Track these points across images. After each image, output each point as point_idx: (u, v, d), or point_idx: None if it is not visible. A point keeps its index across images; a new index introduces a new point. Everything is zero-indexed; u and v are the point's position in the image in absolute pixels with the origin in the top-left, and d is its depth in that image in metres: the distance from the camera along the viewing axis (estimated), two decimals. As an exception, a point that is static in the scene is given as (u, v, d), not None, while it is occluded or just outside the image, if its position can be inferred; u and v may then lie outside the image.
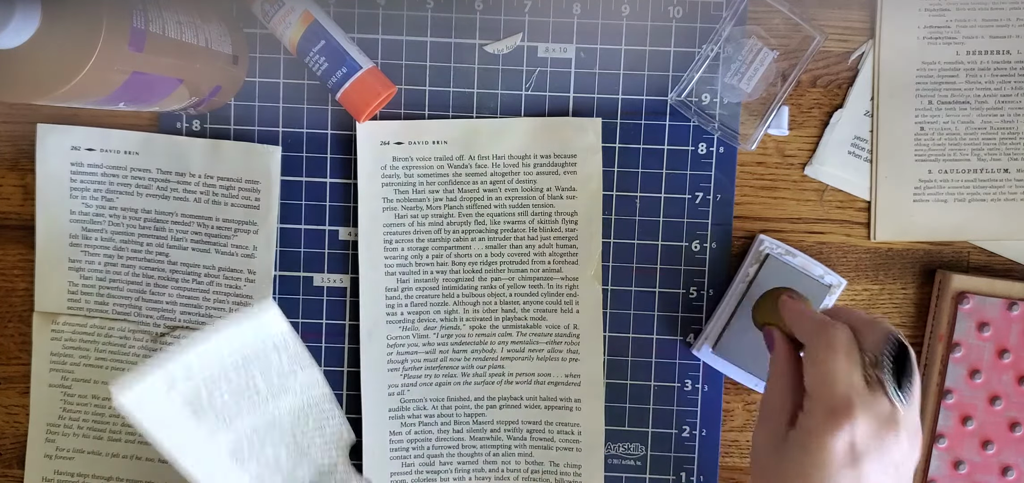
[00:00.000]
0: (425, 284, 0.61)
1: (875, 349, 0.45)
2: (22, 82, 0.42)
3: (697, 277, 0.62)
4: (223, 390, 0.48)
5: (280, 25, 0.57)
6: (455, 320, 0.62)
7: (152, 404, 0.45)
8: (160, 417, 0.45)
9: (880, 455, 0.44)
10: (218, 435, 0.48)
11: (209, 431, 0.48)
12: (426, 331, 0.62)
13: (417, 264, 0.61)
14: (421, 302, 0.61)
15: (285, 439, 0.52)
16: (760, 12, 0.60)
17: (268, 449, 0.51)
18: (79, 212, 0.61)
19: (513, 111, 0.61)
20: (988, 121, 0.61)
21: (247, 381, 0.49)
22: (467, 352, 0.62)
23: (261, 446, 0.50)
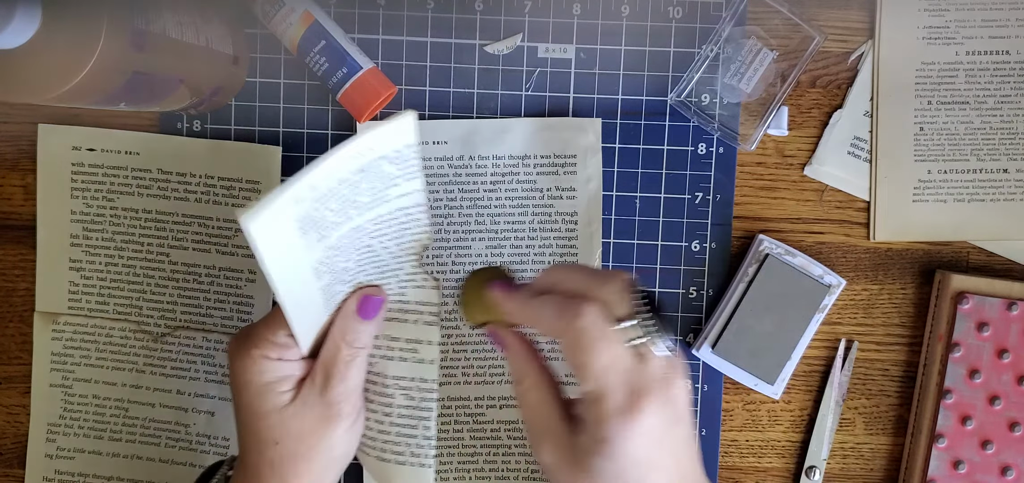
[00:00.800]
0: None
1: (625, 310, 0.42)
2: (23, 82, 0.42)
3: (697, 277, 0.62)
4: (331, 205, 0.44)
5: (281, 25, 0.57)
6: (456, 320, 0.62)
7: (275, 227, 0.41)
8: (276, 236, 0.42)
9: (675, 416, 0.42)
10: (313, 249, 0.45)
11: (306, 246, 0.44)
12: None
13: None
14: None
15: (361, 246, 0.49)
16: (760, 12, 0.60)
17: (342, 258, 0.48)
18: (80, 212, 0.61)
19: (513, 111, 0.61)
20: (987, 121, 0.61)
21: (354, 194, 0.45)
22: (467, 352, 0.62)
23: (338, 256, 0.47)
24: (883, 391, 0.63)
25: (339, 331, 0.50)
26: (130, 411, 0.62)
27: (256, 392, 0.48)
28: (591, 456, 0.41)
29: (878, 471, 0.64)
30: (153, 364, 0.62)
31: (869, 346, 0.63)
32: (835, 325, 0.63)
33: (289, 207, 0.41)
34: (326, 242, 0.46)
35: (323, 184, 0.43)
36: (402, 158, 0.45)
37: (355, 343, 0.49)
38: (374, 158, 0.44)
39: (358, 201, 0.45)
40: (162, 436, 0.62)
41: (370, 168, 0.44)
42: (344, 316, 0.50)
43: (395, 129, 0.43)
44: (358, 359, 0.50)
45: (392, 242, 0.50)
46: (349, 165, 0.43)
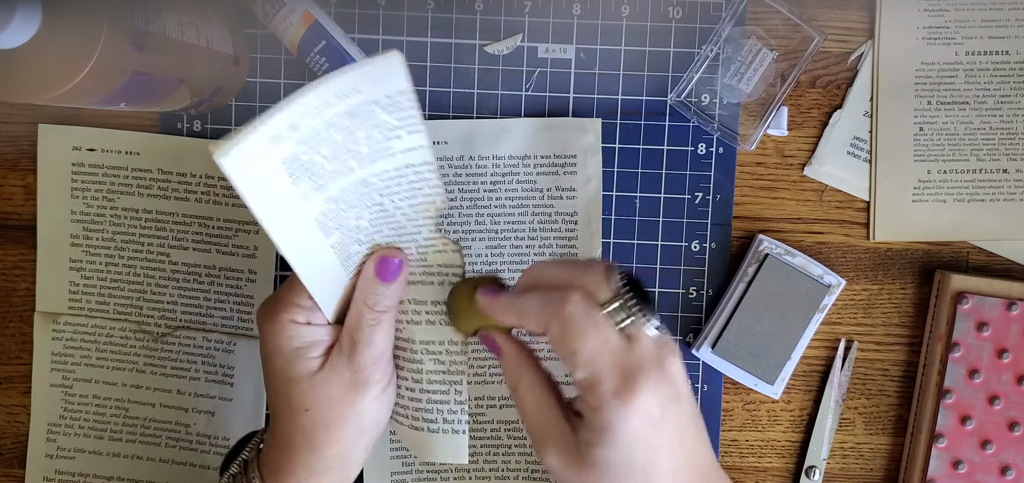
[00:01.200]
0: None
1: (609, 296, 0.42)
2: (23, 82, 0.42)
3: (697, 277, 0.62)
4: (323, 150, 0.42)
5: (281, 25, 0.57)
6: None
7: (254, 165, 0.40)
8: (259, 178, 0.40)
9: (673, 394, 0.41)
10: (310, 200, 0.44)
11: (302, 195, 0.43)
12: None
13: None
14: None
15: (372, 202, 0.47)
16: (759, 13, 0.60)
17: (352, 215, 0.47)
18: (80, 212, 0.61)
19: (513, 112, 0.61)
20: (987, 121, 0.61)
21: (349, 141, 0.43)
22: (468, 352, 0.62)
23: (346, 211, 0.46)
24: (883, 391, 0.63)
25: (361, 295, 0.49)
26: (130, 411, 0.62)
27: (286, 358, 0.48)
28: (594, 448, 0.41)
29: (878, 471, 0.64)
30: (153, 364, 0.62)
31: (869, 346, 0.63)
32: (835, 325, 0.63)
33: (268, 146, 0.40)
34: (326, 193, 0.44)
35: (306, 124, 0.41)
36: (397, 106, 0.43)
37: (377, 306, 0.49)
38: (364, 101, 0.42)
39: (358, 151, 0.44)
40: (162, 436, 0.62)
41: (361, 113, 0.42)
42: (364, 279, 0.49)
43: (379, 68, 0.41)
44: (382, 324, 0.49)
45: (405, 203, 0.48)
46: (335, 106, 0.41)
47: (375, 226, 0.49)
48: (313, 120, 0.41)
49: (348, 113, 0.42)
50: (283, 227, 0.43)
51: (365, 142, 0.43)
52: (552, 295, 0.42)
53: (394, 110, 0.43)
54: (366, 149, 0.44)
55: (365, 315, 0.49)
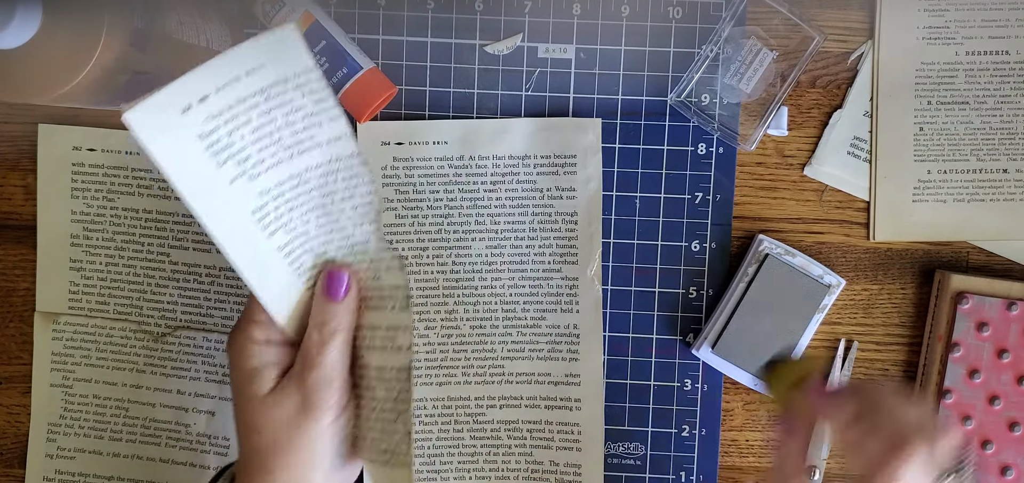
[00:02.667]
0: (426, 284, 0.61)
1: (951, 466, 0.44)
2: (23, 82, 0.42)
3: (697, 277, 0.62)
4: (243, 131, 0.43)
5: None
6: (455, 320, 0.62)
7: (163, 128, 0.40)
8: (173, 147, 0.41)
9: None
10: (239, 186, 0.44)
11: (228, 179, 0.43)
12: (426, 331, 0.62)
13: (418, 264, 0.61)
14: (421, 302, 0.62)
15: (314, 203, 0.47)
16: (759, 13, 0.60)
17: (296, 215, 0.47)
18: (80, 212, 0.61)
19: (513, 112, 0.61)
20: (987, 121, 0.61)
21: (269, 125, 0.44)
22: (467, 352, 0.62)
23: (289, 209, 0.46)
24: (883, 391, 0.63)
25: (312, 315, 0.49)
26: (130, 411, 0.62)
27: (243, 377, 0.48)
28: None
29: (878, 471, 0.64)
30: (153, 364, 0.62)
31: (869, 346, 0.63)
32: (835, 325, 0.63)
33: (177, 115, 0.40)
34: (258, 184, 0.44)
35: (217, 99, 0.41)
36: (309, 88, 0.43)
37: (325, 326, 0.48)
38: (274, 81, 0.42)
39: (281, 138, 0.44)
40: (162, 436, 0.62)
41: (275, 94, 0.43)
42: (315, 298, 0.49)
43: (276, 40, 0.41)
44: (332, 345, 0.48)
45: (346, 204, 0.48)
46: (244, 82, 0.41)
47: (323, 232, 0.48)
48: (226, 97, 0.41)
49: (261, 92, 0.42)
50: (211, 207, 0.43)
51: (287, 129, 0.44)
52: (898, 440, 0.43)
53: (307, 93, 0.43)
54: (289, 136, 0.44)
55: (313, 335, 0.48)
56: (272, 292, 0.48)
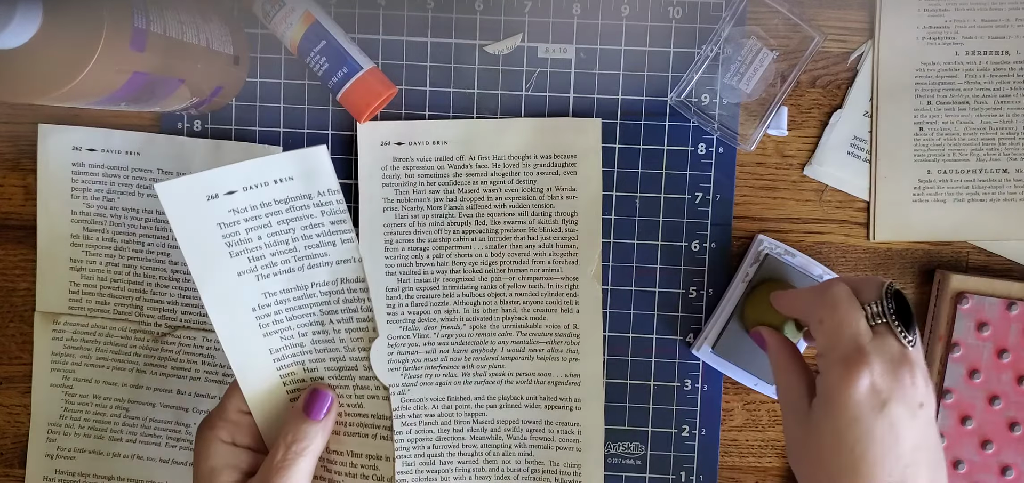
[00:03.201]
0: (425, 284, 0.61)
1: (874, 298, 0.46)
2: (23, 82, 0.42)
3: (697, 277, 0.62)
4: (261, 232, 0.46)
5: (281, 25, 0.57)
6: (455, 320, 0.62)
7: (188, 206, 0.45)
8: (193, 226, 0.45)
9: (902, 395, 0.44)
10: (246, 281, 0.46)
11: (237, 271, 0.46)
12: (426, 331, 0.62)
13: (417, 264, 0.61)
14: (421, 302, 0.62)
15: (313, 319, 0.49)
16: (759, 13, 0.60)
17: (294, 325, 0.49)
18: (80, 212, 0.61)
19: (513, 111, 0.61)
20: (987, 121, 0.61)
21: (286, 234, 0.47)
22: (467, 352, 0.62)
23: (289, 318, 0.48)
24: (883, 391, 0.63)
25: (284, 428, 0.49)
26: (130, 411, 0.62)
27: (203, 474, 0.49)
28: (815, 411, 0.45)
29: (878, 471, 0.64)
30: (153, 364, 0.62)
31: (869, 346, 0.63)
32: (835, 325, 0.63)
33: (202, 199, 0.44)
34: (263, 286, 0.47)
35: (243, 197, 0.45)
36: (330, 208, 0.46)
37: (296, 444, 0.49)
38: (299, 194, 0.46)
39: (295, 249, 0.47)
40: (162, 436, 0.62)
41: (297, 206, 0.46)
42: (292, 412, 0.50)
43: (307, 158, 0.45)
44: (298, 465, 0.48)
45: (342, 326, 0.51)
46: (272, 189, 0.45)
47: (316, 349, 0.50)
48: (251, 196, 0.45)
49: (285, 202, 0.46)
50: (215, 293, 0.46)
51: (302, 241, 0.47)
52: (825, 283, 0.48)
53: (327, 212, 0.47)
54: (303, 249, 0.47)
55: (280, 451, 0.49)
56: (253, 387, 0.49)
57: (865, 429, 0.43)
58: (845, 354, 0.44)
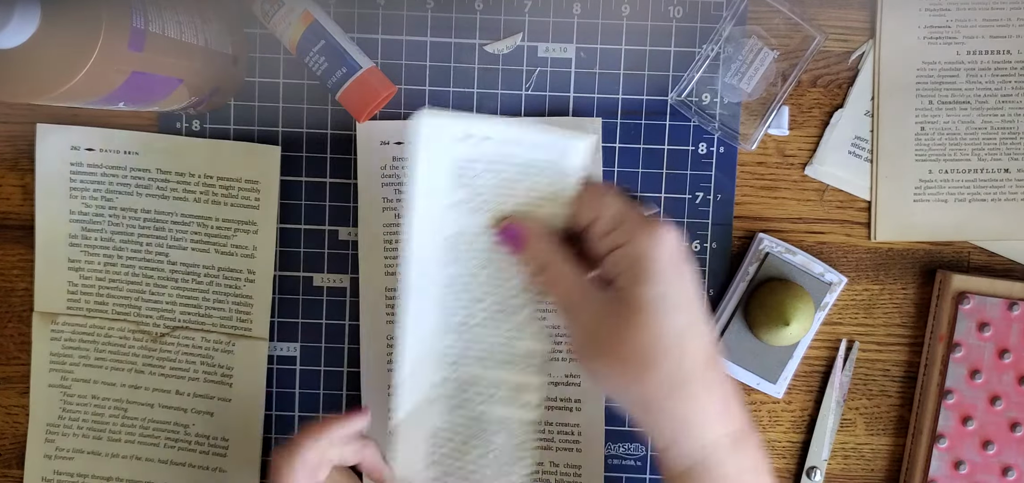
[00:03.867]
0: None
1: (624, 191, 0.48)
2: (22, 82, 0.42)
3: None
4: (489, 179, 0.47)
5: (280, 25, 0.57)
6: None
7: (439, 140, 0.46)
8: (434, 156, 0.46)
9: (683, 251, 0.45)
10: (456, 212, 0.48)
11: (453, 202, 0.48)
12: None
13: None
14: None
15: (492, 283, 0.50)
16: (760, 12, 0.60)
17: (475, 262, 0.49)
18: (79, 212, 0.61)
19: (513, 111, 0.61)
20: (988, 121, 0.61)
21: (510, 184, 0.48)
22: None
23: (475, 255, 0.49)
24: (884, 391, 0.63)
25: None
26: (129, 411, 0.62)
27: None
28: (633, 288, 0.44)
29: (879, 472, 0.64)
30: (152, 364, 0.62)
31: (870, 346, 0.63)
32: (836, 325, 0.63)
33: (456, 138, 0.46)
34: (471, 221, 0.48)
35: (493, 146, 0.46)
36: (561, 182, 0.47)
37: None
38: (542, 160, 0.47)
39: (513, 197, 0.48)
40: (161, 436, 0.62)
41: (534, 168, 0.47)
42: None
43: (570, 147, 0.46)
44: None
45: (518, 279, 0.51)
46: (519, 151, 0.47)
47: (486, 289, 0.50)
48: (499, 149, 0.47)
49: (526, 164, 0.47)
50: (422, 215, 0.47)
51: (525, 193, 0.47)
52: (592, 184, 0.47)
53: (556, 185, 0.47)
54: (521, 199, 0.47)
55: None
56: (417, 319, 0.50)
57: (681, 287, 0.44)
58: (642, 220, 0.44)
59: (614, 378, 0.45)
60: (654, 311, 0.43)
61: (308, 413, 0.63)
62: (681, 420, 0.44)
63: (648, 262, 0.43)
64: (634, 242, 0.44)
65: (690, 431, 0.44)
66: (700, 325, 0.44)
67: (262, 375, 0.62)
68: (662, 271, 0.43)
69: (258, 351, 0.61)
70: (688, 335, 0.44)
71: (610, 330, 0.44)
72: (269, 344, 0.62)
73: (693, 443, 0.44)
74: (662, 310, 0.43)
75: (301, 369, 0.63)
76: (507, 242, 0.48)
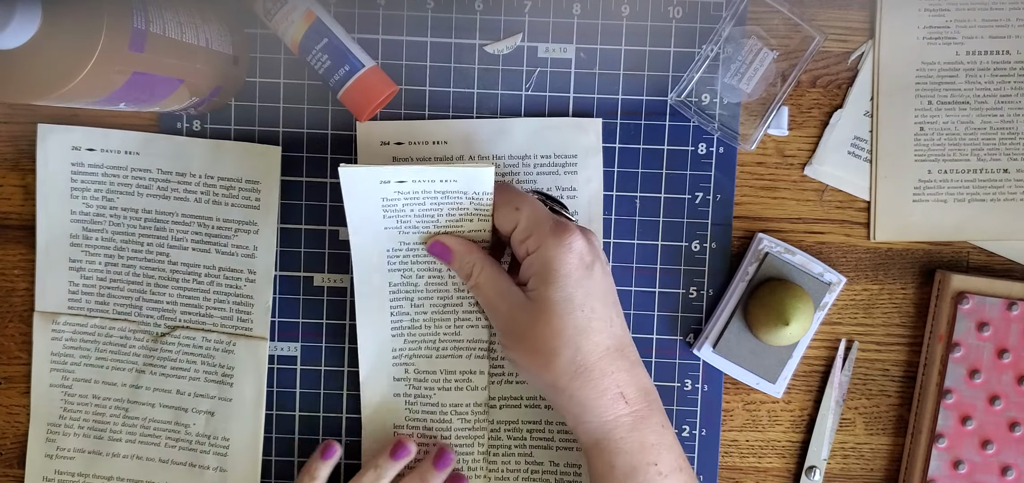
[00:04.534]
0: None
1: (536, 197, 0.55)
2: (23, 82, 0.42)
3: (697, 277, 0.62)
4: (413, 207, 0.55)
5: (282, 23, 0.57)
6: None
7: (362, 184, 0.53)
8: (360, 201, 0.54)
9: (595, 253, 0.52)
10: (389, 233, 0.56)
11: (384, 227, 0.56)
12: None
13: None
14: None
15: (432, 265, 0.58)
16: (760, 12, 0.60)
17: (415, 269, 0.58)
18: (80, 212, 0.61)
19: (513, 111, 0.61)
20: (988, 121, 0.61)
21: (434, 212, 0.55)
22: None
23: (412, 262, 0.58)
24: (883, 391, 0.63)
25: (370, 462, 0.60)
26: (130, 411, 0.62)
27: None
28: (541, 289, 0.51)
29: (878, 471, 0.64)
30: (153, 364, 0.62)
31: (869, 346, 0.63)
32: (835, 325, 0.63)
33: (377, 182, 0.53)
34: (402, 238, 0.57)
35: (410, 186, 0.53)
36: (478, 202, 0.54)
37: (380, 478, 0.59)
38: (456, 190, 0.53)
39: (438, 220, 0.55)
40: (162, 436, 0.62)
41: (451, 195, 0.54)
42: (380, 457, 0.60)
43: (477, 175, 0.52)
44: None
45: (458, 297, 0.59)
46: (436, 185, 0.53)
47: (428, 289, 0.59)
48: (418, 187, 0.53)
49: (442, 193, 0.54)
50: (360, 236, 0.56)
51: (446, 215, 0.55)
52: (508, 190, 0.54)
53: (475, 202, 0.54)
54: (444, 221, 0.56)
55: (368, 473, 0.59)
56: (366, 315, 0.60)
57: (587, 288, 0.51)
58: (552, 228, 0.51)
59: (527, 366, 0.53)
60: (557, 311, 0.51)
61: (308, 412, 0.63)
62: (581, 403, 0.51)
63: (555, 266, 0.50)
64: (542, 248, 0.51)
65: (591, 411, 0.51)
66: (601, 321, 0.51)
67: (263, 375, 0.62)
68: (567, 275, 0.50)
69: (259, 351, 0.62)
70: (588, 330, 0.51)
71: (523, 326, 0.52)
72: (270, 344, 0.62)
73: (595, 421, 0.51)
74: (566, 310, 0.50)
75: (301, 369, 0.63)
76: (436, 256, 0.57)
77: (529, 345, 0.52)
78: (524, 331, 0.52)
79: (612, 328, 0.52)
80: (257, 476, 0.62)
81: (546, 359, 0.51)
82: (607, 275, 0.52)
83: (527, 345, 0.52)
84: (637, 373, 0.52)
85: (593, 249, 0.52)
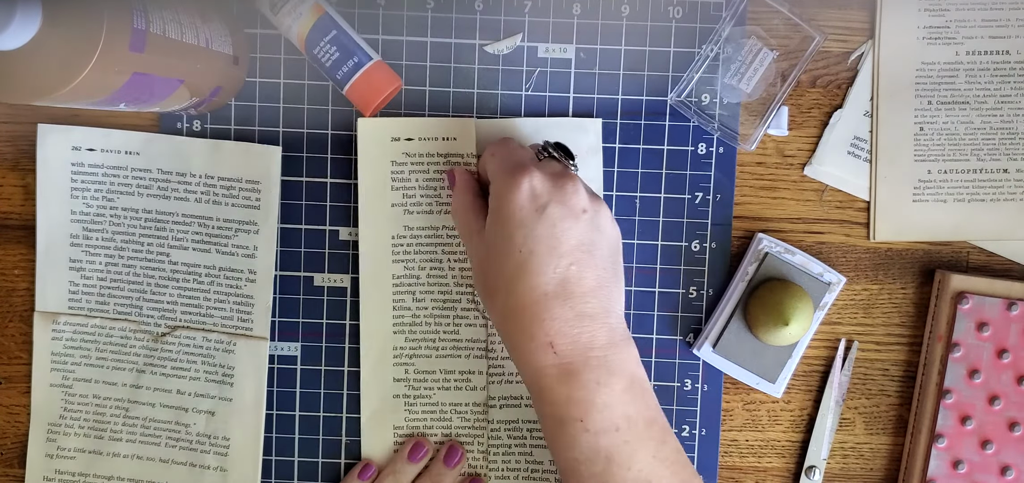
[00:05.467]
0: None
1: (540, 148, 0.54)
2: (23, 83, 0.42)
3: (697, 277, 0.62)
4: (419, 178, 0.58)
5: (288, 18, 0.57)
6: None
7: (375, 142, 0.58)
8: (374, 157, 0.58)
9: (562, 199, 0.49)
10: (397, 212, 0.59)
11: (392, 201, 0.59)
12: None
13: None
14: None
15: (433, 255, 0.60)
16: (760, 12, 0.60)
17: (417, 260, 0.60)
18: (80, 212, 0.61)
19: (513, 112, 0.61)
20: (987, 121, 0.61)
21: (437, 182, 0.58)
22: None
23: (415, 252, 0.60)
24: (883, 391, 0.63)
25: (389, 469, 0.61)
26: (130, 411, 0.62)
27: None
28: (488, 226, 0.52)
29: (878, 471, 0.64)
30: (153, 364, 0.62)
31: (869, 346, 0.63)
32: (835, 325, 0.63)
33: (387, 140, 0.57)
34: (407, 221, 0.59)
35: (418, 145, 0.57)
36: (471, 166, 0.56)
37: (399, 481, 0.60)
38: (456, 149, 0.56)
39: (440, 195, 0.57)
40: (162, 436, 0.62)
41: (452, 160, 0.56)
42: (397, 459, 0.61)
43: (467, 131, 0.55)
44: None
45: (457, 265, 0.60)
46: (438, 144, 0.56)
47: (429, 282, 0.60)
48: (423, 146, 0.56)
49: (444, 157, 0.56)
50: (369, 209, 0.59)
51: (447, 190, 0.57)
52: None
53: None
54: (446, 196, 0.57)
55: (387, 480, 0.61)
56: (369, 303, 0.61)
57: (529, 230, 0.49)
58: (509, 168, 0.50)
59: (482, 301, 0.54)
60: (496, 251, 0.50)
61: (308, 412, 0.63)
62: (513, 346, 0.51)
63: (498, 204, 0.50)
64: (493, 186, 0.51)
65: (520, 355, 0.50)
66: (540, 263, 0.49)
67: (263, 374, 0.62)
68: (509, 215, 0.50)
69: (259, 351, 0.62)
70: (523, 273, 0.49)
71: (474, 264, 0.53)
72: (270, 344, 0.62)
73: (525, 367, 0.50)
74: (504, 251, 0.50)
75: (302, 369, 0.63)
76: (448, 182, 0.58)
77: (478, 282, 0.53)
78: (475, 269, 0.53)
79: (556, 273, 0.49)
80: (257, 476, 0.62)
81: (487, 298, 0.52)
82: (572, 220, 0.49)
83: (477, 282, 0.53)
84: (586, 326, 0.49)
85: (555, 191, 0.49)
